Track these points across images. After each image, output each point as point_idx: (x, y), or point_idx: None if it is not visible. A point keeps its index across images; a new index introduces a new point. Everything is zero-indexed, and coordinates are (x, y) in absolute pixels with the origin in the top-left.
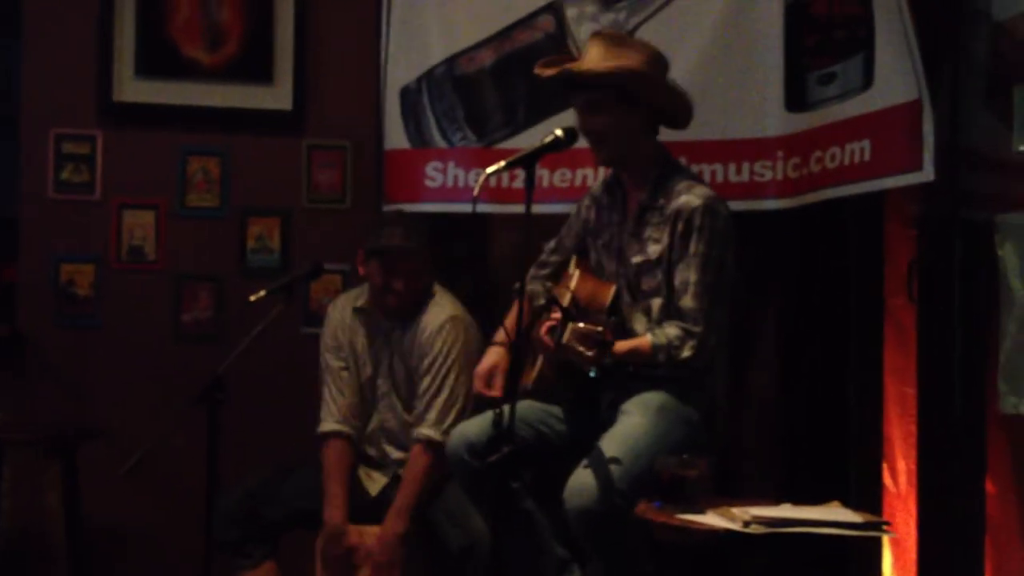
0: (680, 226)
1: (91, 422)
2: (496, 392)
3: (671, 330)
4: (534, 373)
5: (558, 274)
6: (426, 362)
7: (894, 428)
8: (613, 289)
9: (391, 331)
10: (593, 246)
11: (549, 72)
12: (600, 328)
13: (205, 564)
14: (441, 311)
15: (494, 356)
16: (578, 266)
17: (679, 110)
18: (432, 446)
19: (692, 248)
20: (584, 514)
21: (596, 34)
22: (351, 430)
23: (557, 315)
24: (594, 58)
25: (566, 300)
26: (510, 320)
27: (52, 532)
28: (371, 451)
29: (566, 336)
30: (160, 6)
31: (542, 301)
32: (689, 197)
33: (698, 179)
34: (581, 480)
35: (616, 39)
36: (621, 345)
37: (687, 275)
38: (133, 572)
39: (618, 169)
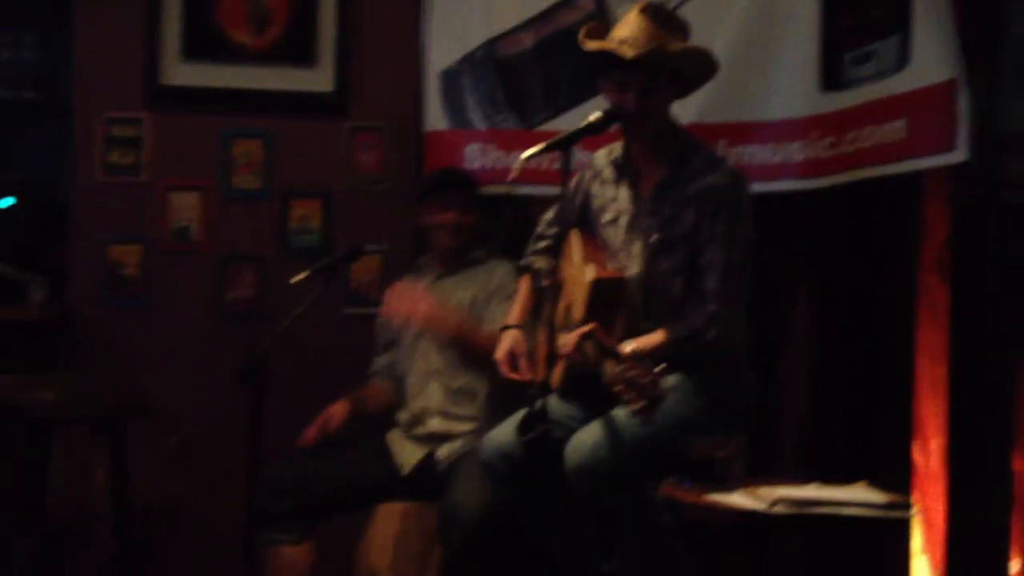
0: (708, 206)
1: (138, 401)
2: (525, 374)
3: (694, 317)
4: (558, 375)
5: (558, 249)
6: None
7: (926, 407)
8: (624, 281)
9: (441, 276)
10: (596, 223)
11: (625, 51)
12: (649, 378)
13: (247, 539)
14: (498, 264)
15: (510, 340)
16: (584, 244)
17: (705, 77)
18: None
19: (720, 228)
20: (581, 470)
21: (646, 6)
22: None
23: (579, 338)
24: (651, 36)
25: (580, 306)
26: (519, 303)
27: (100, 509)
28: (409, 408)
29: (608, 374)
30: None
31: (547, 282)
32: (715, 177)
33: (715, 154)
34: (581, 438)
35: (662, 13)
36: (645, 343)
37: (715, 255)
38: (178, 549)
39: (635, 144)
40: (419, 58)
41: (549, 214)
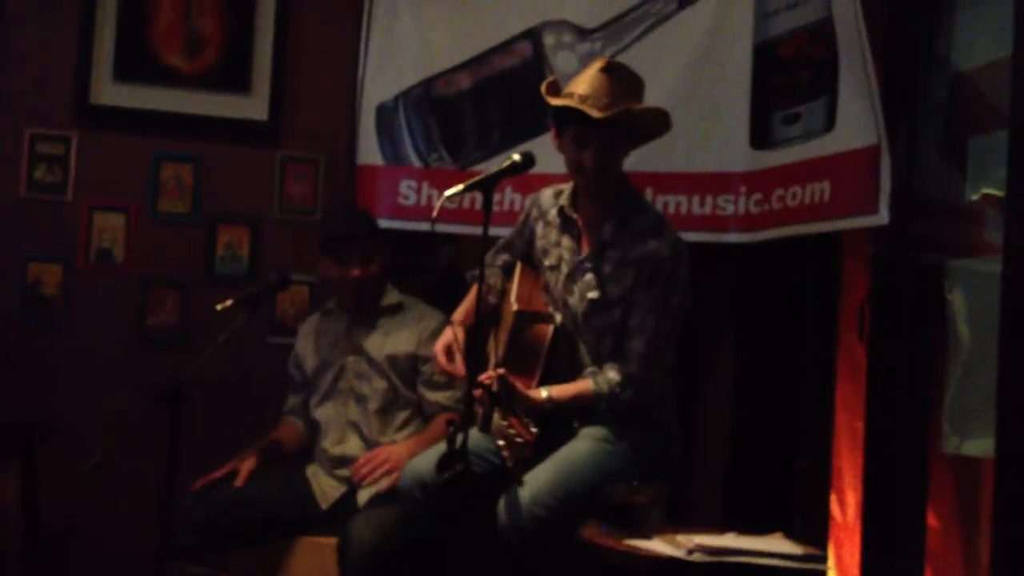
0: (647, 270)
1: (52, 422)
2: (459, 370)
3: (612, 375)
4: (480, 416)
5: (509, 273)
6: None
7: (844, 461)
8: (551, 327)
9: (354, 325)
10: (539, 263)
11: (595, 112)
12: (522, 439)
13: (159, 567)
14: (425, 309)
15: (450, 334)
16: (522, 279)
17: (654, 136)
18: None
19: (656, 294)
20: (515, 529)
21: (608, 66)
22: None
23: (486, 381)
24: (616, 93)
25: (502, 345)
26: (467, 304)
27: (8, 530)
28: (328, 452)
29: (493, 425)
30: (141, 12)
31: (494, 300)
32: (660, 243)
33: (663, 219)
34: (513, 495)
35: (624, 73)
36: (562, 392)
37: (645, 319)
38: (87, 571)
39: (581, 195)
40: (355, 91)
41: (504, 240)
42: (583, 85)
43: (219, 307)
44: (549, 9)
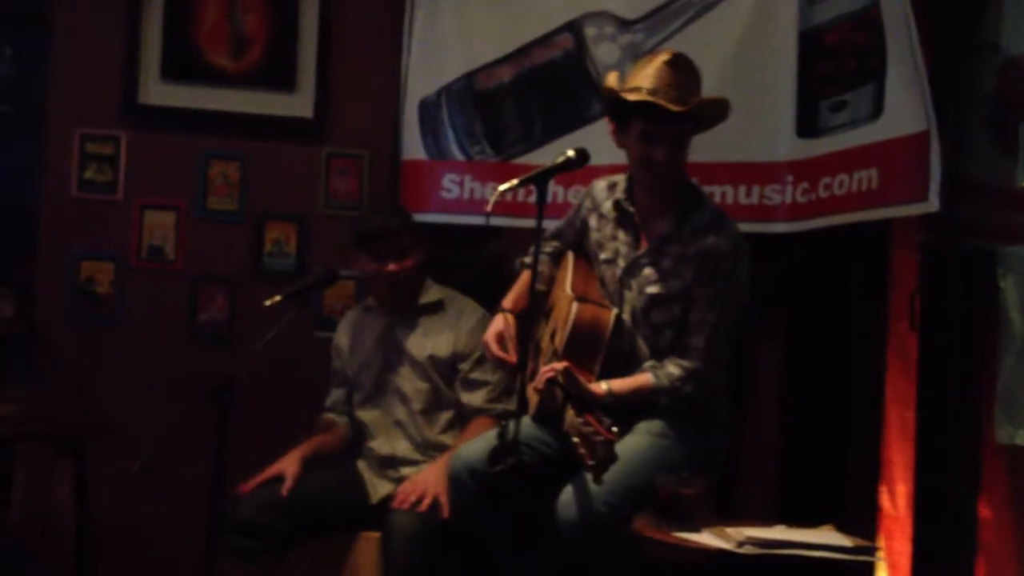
0: (707, 266)
1: (103, 419)
2: (512, 357)
3: (673, 369)
4: (535, 403)
5: (558, 260)
6: (474, 356)
7: (895, 452)
8: (613, 316)
9: (395, 325)
10: (594, 256)
11: (674, 107)
12: (602, 438)
13: (207, 566)
14: (465, 305)
15: (502, 322)
16: (575, 269)
17: (712, 126)
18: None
19: (715, 290)
20: (575, 526)
21: (674, 59)
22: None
23: (551, 374)
24: (680, 85)
25: (561, 337)
26: (517, 290)
27: (61, 526)
28: (377, 452)
29: (567, 422)
30: (187, 12)
31: (543, 287)
32: (719, 239)
33: (722, 213)
34: (574, 492)
35: (689, 65)
36: (623, 386)
37: (705, 315)
38: (137, 569)
39: (641, 189)
40: (398, 87)
41: (554, 229)
42: (649, 79)
43: (267, 303)
44: (590, 1)
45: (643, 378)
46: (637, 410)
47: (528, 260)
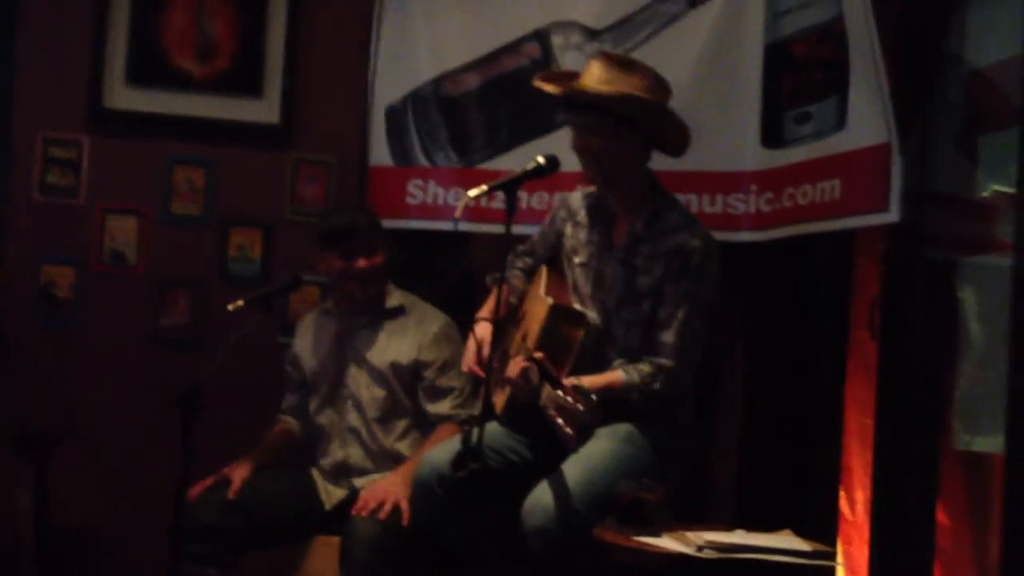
0: (676, 263)
1: (66, 424)
2: (482, 367)
3: (644, 367)
4: (502, 401)
5: (530, 276)
6: (437, 364)
7: (854, 458)
8: (585, 318)
9: (357, 328)
10: (568, 263)
11: (549, 87)
12: (582, 407)
13: (172, 568)
14: (427, 311)
15: (482, 330)
16: (549, 280)
17: (677, 138)
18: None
19: (685, 286)
20: (541, 533)
21: (601, 54)
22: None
23: (525, 364)
24: (597, 79)
25: (533, 336)
26: (490, 304)
27: (22, 532)
28: (329, 459)
29: (544, 396)
30: (154, 17)
31: (515, 300)
32: (688, 236)
33: (691, 214)
34: (539, 499)
35: (621, 61)
36: (593, 382)
37: (674, 311)
38: (101, 573)
39: (607, 191)
40: (365, 93)
41: (526, 245)
42: (583, 74)
43: (231, 307)
44: (558, 10)
45: (614, 375)
46: (607, 409)
47: (499, 276)
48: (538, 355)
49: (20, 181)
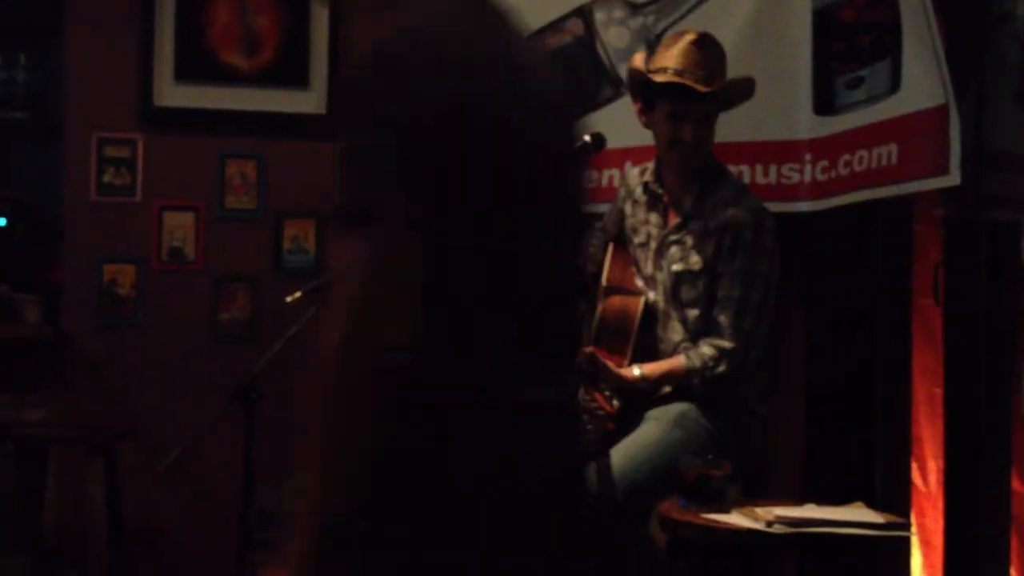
0: (727, 240)
1: (131, 420)
2: None
3: (705, 349)
4: None
5: (604, 249)
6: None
7: (924, 428)
8: (641, 302)
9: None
10: (630, 242)
11: (699, 87)
12: (603, 412)
13: (238, 561)
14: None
15: None
16: (613, 260)
17: (736, 105)
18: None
19: (738, 264)
20: (595, 501)
21: (701, 39)
22: None
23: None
24: (712, 67)
25: (593, 325)
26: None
27: (94, 528)
28: None
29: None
30: (199, 14)
31: (592, 269)
32: (738, 211)
33: (744, 187)
34: (594, 470)
35: (715, 45)
36: (654, 369)
37: (730, 290)
38: (167, 570)
39: (666, 169)
40: None
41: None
42: (675, 59)
43: (288, 299)
44: None
45: (676, 360)
46: (675, 392)
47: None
48: (588, 350)
49: (77, 182)
